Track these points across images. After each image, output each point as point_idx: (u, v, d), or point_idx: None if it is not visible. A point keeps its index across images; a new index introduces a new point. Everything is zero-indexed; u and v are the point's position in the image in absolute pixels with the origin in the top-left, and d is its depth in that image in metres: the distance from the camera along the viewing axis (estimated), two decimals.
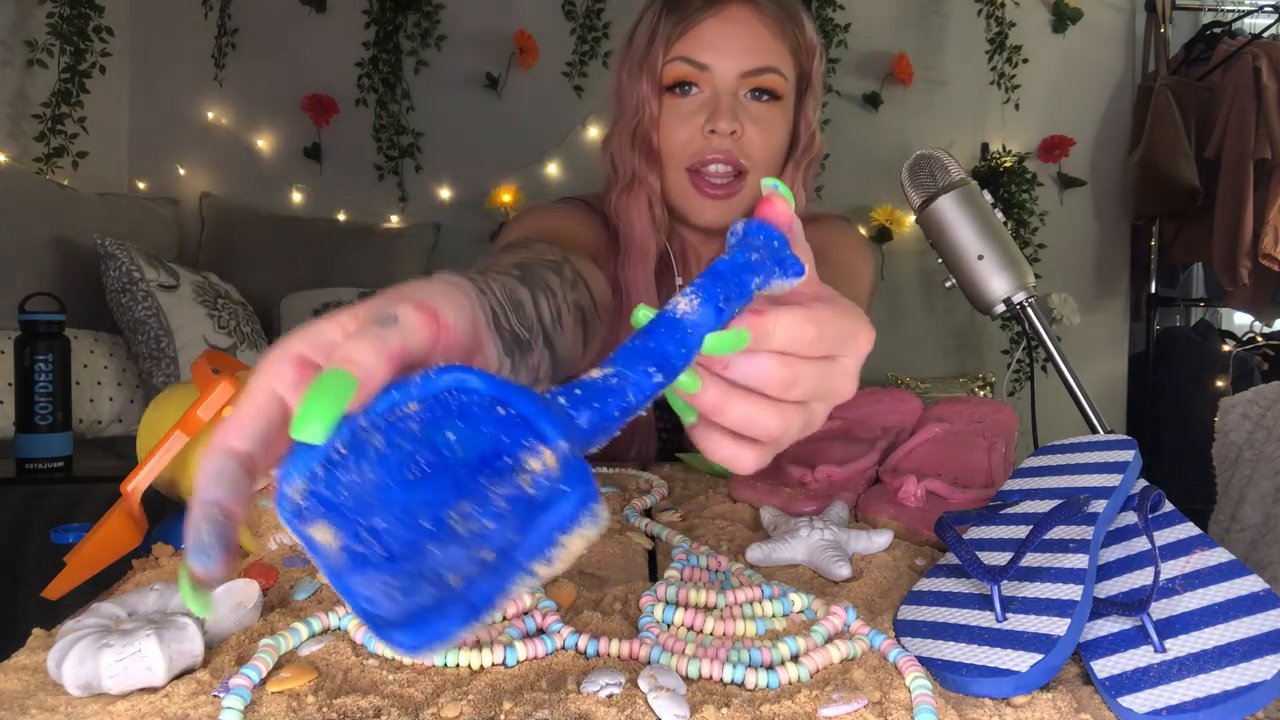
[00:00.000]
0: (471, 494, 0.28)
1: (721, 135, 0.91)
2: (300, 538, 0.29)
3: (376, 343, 0.29)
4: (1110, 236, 3.16)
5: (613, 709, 0.38)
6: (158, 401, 0.69)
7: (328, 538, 0.29)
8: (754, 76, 0.92)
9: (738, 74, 0.91)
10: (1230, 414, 1.21)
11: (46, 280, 1.94)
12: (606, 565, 0.59)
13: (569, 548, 0.28)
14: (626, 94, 0.95)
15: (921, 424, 0.81)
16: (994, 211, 0.82)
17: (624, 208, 0.96)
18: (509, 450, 0.29)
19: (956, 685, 0.42)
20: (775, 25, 0.93)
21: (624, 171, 0.96)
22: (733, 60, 0.91)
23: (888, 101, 3.00)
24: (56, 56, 2.30)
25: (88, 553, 0.55)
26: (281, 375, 0.31)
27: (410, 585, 0.28)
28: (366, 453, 0.29)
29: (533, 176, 2.90)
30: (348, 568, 0.28)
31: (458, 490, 0.28)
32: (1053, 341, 0.79)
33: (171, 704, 0.39)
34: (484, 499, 0.28)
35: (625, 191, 0.96)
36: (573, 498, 0.28)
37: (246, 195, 2.78)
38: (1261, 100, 2.72)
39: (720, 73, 0.91)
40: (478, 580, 0.27)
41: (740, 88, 0.92)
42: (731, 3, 0.92)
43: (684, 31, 0.92)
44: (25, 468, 1.45)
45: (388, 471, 0.29)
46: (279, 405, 0.31)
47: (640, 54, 0.94)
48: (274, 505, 0.30)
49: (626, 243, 0.97)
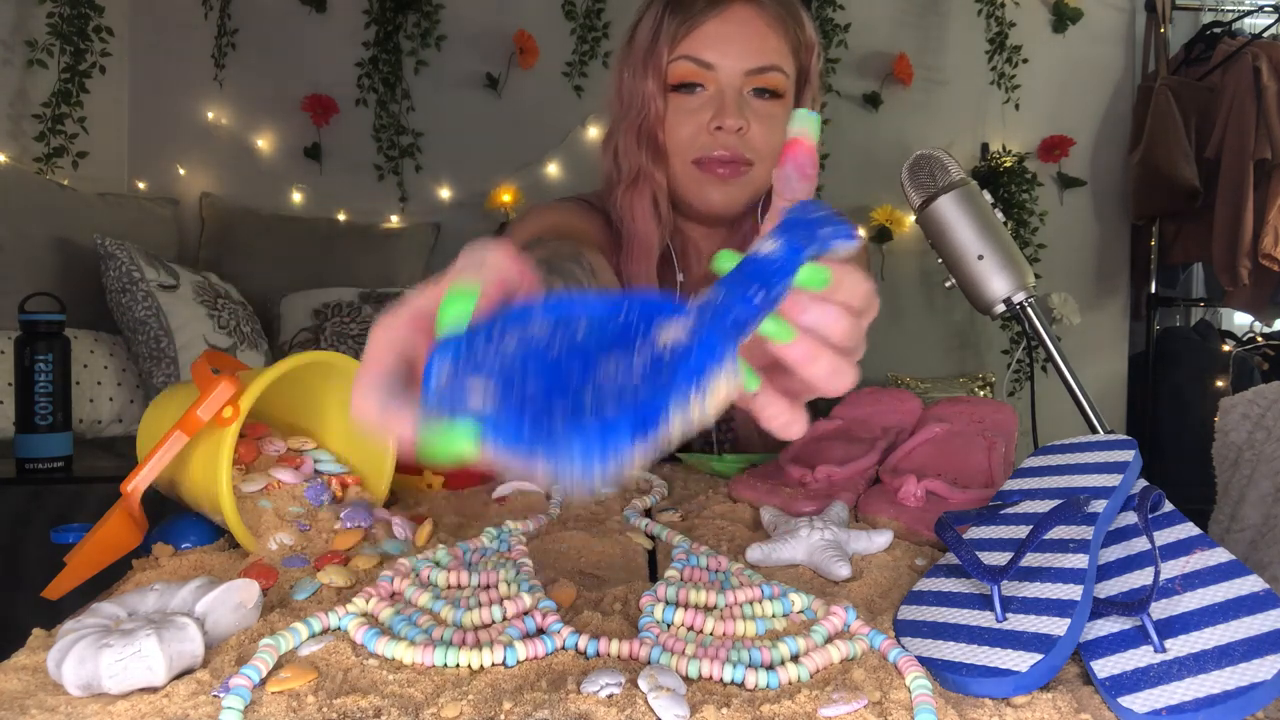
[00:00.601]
0: (612, 355, 0.32)
1: (728, 132, 0.92)
2: (445, 417, 0.32)
3: (480, 271, 0.34)
4: (1110, 236, 3.16)
5: (613, 709, 0.38)
6: (158, 401, 0.69)
7: (479, 400, 0.31)
8: (758, 75, 0.93)
9: (742, 72, 0.93)
10: (1230, 414, 1.21)
11: (46, 280, 1.94)
12: (606, 565, 0.59)
13: (715, 392, 0.31)
14: (630, 92, 0.96)
15: (921, 424, 0.81)
16: (994, 211, 0.82)
17: (628, 204, 0.97)
18: (641, 331, 0.33)
19: (956, 685, 0.42)
20: (777, 24, 0.94)
21: (629, 168, 0.96)
22: (737, 59, 0.92)
23: (888, 101, 3.00)
24: (56, 56, 2.30)
25: (88, 553, 0.55)
26: (395, 329, 0.34)
27: (569, 420, 0.30)
28: (508, 336, 0.33)
29: (533, 176, 2.91)
30: (508, 418, 0.31)
31: (604, 350, 0.32)
32: (1053, 341, 0.79)
33: (171, 704, 0.39)
34: (624, 361, 0.32)
35: (630, 188, 0.97)
36: (707, 349, 0.32)
37: (246, 195, 2.78)
38: (1261, 100, 2.72)
39: (725, 71, 0.92)
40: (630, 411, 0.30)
41: (745, 85, 0.93)
42: (735, 2, 0.93)
43: (689, 31, 0.92)
44: (25, 468, 1.45)
45: (532, 346, 0.32)
46: (398, 360, 0.34)
47: (643, 53, 0.95)
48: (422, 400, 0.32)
49: (629, 238, 0.97)
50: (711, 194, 0.95)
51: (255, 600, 0.47)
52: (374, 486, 0.68)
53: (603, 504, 0.73)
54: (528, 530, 0.64)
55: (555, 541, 0.62)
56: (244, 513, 0.59)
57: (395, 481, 0.71)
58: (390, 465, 0.68)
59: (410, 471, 0.78)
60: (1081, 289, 3.09)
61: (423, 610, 0.50)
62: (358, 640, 0.45)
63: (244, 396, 0.56)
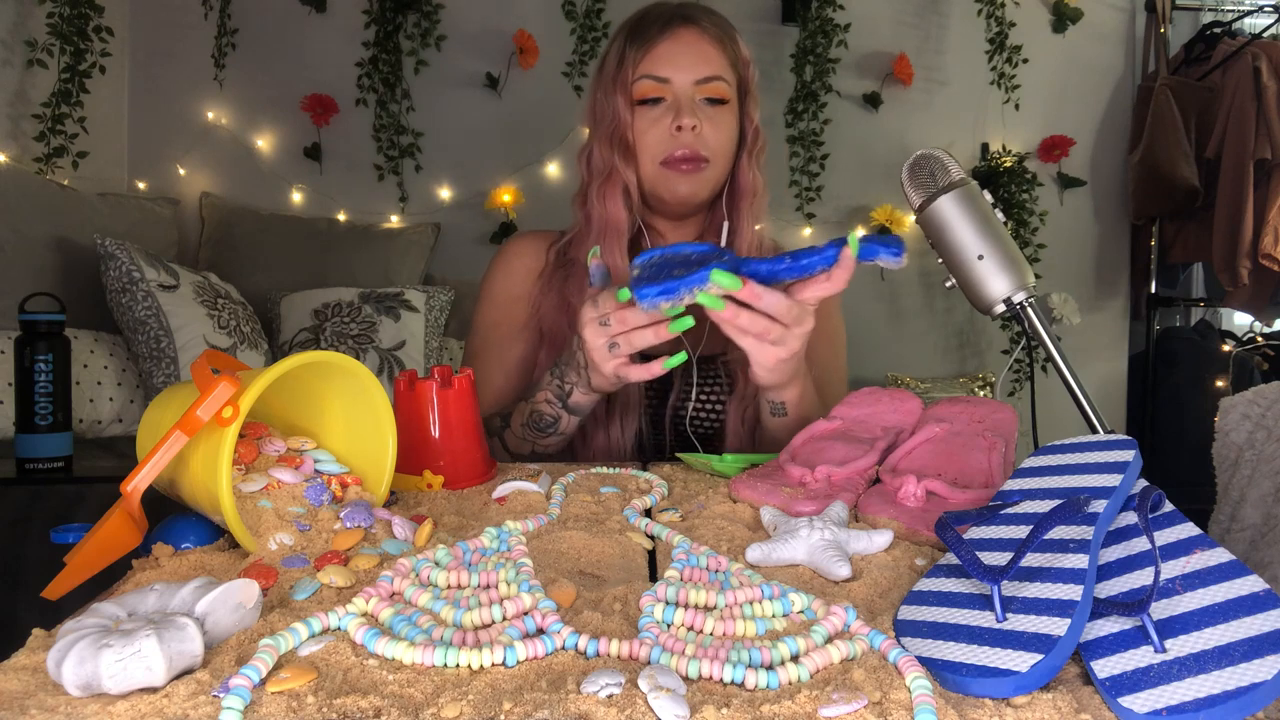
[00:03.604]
0: (675, 265, 0.81)
1: (685, 130, 1.09)
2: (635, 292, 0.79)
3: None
4: (1110, 236, 3.16)
5: (613, 709, 0.38)
6: (158, 401, 0.69)
7: (641, 280, 0.79)
8: (705, 84, 1.10)
9: (692, 82, 1.10)
10: (1230, 414, 1.21)
11: (46, 280, 1.94)
12: (606, 565, 0.59)
13: (694, 294, 0.78)
14: (603, 108, 1.14)
15: (921, 424, 0.81)
16: (994, 211, 0.82)
17: (602, 197, 1.13)
18: (691, 259, 0.82)
19: (956, 685, 0.42)
20: (716, 43, 1.12)
21: (602, 168, 1.13)
22: (687, 72, 1.10)
23: (888, 101, 3.01)
24: (56, 56, 2.30)
25: (88, 553, 0.55)
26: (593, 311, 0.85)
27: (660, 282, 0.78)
28: (646, 261, 0.83)
29: (533, 176, 2.91)
30: (651, 286, 0.77)
31: (674, 265, 0.81)
32: (1053, 341, 0.79)
33: (171, 704, 0.39)
34: (678, 268, 0.80)
35: (604, 184, 1.13)
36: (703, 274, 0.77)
37: (246, 195, 2.78)
38: (1261, 100, 2.72)
39: (678, 83, 1.10)
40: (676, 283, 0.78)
41: (696, 94, 1.11)
42: (680, 27, 1.11)
43: (645, 53, 1.11)
44: (25, 468, 1.45)
45: (661, 265, 0.82)
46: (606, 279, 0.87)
47: (612, 74, 1.13)
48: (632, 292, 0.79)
49: (602, 226, 1.13)
50: (678, 186, 1.11)
51: (255, 600, 0.47)
52: (374, 486, 0.68)
53: (603, 504, 0.73)
54: (528, 530, 0.64)
55: (555, 541, 0.62)
56: (244, 513, 0.59)
57: (395, 481, 0.71)
58: (391, 465, 0.68)
59: (416, 470, 0.78)
60: (1081, 289, 3.09)
61: (423, 610, 0.50)
62: (358, 640, 0.45)
63: (244, 396, 0.56)
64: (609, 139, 1.12)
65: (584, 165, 1.17)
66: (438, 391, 0.80)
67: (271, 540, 0.58)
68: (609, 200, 1.12)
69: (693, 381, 1.13)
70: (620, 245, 1.12)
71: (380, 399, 0.67)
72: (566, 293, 1.17)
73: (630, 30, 1.14)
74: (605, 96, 1.13)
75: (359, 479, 0.68)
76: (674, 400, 1.13)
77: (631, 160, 1.12)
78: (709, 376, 1.14)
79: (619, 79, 1.11)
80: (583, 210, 1.16)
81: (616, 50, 1.14)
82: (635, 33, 1.13)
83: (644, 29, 1.12)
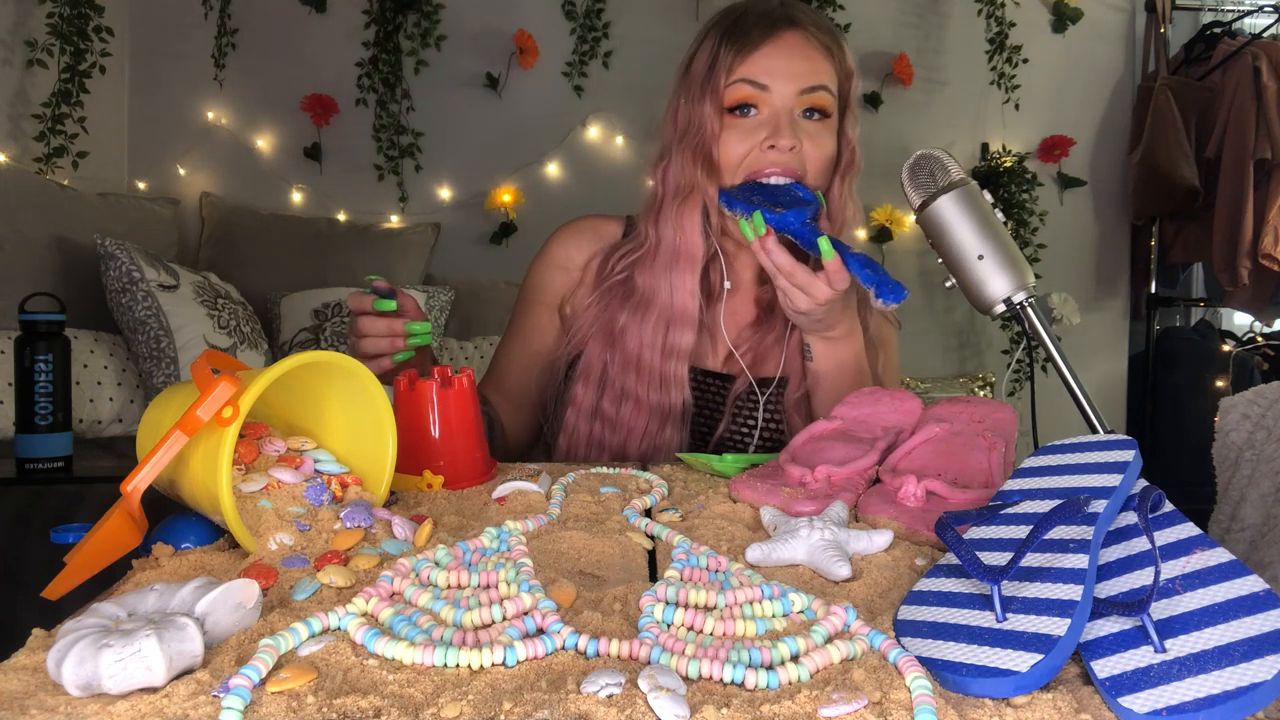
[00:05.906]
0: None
1: (781, 150, 0.99)
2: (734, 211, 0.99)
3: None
4: (1110, 236, 3.16)
5: (613, 709, 0.38)
6: (158, 401, 0.69)
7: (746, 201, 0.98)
8: (809, 95, 1.00)
9: (795, 92, 1.00)
10: (1230, 414, 1.21)
11: (46, 280, 1.94)
12: (606, 565, 0.59)
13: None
14: (686, 116, 1.03)
15: (921, 424, 0.81)
16: (994, 211, 0.82)
17: (679, 217, 1.04)
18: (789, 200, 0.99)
19: (956, 685, 0.42)
20: (824, 50, 1.02)
21: (683, 184, 1.03)
22: (790, 81, 0.99)
23: (888, 101, 3.00)
24: (56, 56, 2.30)
25: (88, 553, 0.55)
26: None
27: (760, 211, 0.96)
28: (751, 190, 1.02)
29: (533, 176, 2.91)
30: (740, 201, 0.98)
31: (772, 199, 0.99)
32: (1053, 341, 0.79)
33: (171, 704, 0.39)
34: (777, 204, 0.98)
35: (682, 203, 1.03)
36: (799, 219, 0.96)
37: (246, 195, 2.78)
38: (1261, 100, 2.72)
39: (778, 93, 0.99)
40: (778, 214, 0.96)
41: (796, 106, 1.00)
42: (786, 30, 1.01)
43: (745, 57, 1.00)
44: (25, 468, 1.45)
45: (756, 190, 1.00)
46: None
47: (701, 79, 1.02)
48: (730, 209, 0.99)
49: (675, 251, 1.04)
50: None
51: (255, 600, 0.47)
52: (374, 486, 0.68)
53: (603, 504, 0.73)
54: (528, 530, 0.64)
55: (555, 541, 0.62)
56: (244, 513, 0.59)
57: (395, 481, 0.71)
58: (391, 465, 0.68)
59: (416, 470, 0.78)
60: (1081, 289, 3.09)
61: (423, 610, 0.50)
62: (358, 640, 0.45)
63: (244, 396, 0.56)
64: (692, 151, 1.01)
65: (659, 178, 1.06)
66: (438, 391, 0.80)
67: (271, 540, 0.58)
68: (686, 223, 1.03)
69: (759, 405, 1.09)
70: (693, 272, 1.04)
71: (380, 399, 0.67)
72: (611, 311, 1.08)
73: (726, 30, 1.02)
74: (690, 103, 1.02)
75: (359, 479, 0.68)
76: (721, 431, 1.08)
77: (715, 175, 1.01)
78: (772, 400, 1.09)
79: (709, 83, 1.00)
80: (654, 229, 1.06)
81: (708, 51, 1.02)
82: (732, 33, 1.01)
83: (743, 29, 1.01)
